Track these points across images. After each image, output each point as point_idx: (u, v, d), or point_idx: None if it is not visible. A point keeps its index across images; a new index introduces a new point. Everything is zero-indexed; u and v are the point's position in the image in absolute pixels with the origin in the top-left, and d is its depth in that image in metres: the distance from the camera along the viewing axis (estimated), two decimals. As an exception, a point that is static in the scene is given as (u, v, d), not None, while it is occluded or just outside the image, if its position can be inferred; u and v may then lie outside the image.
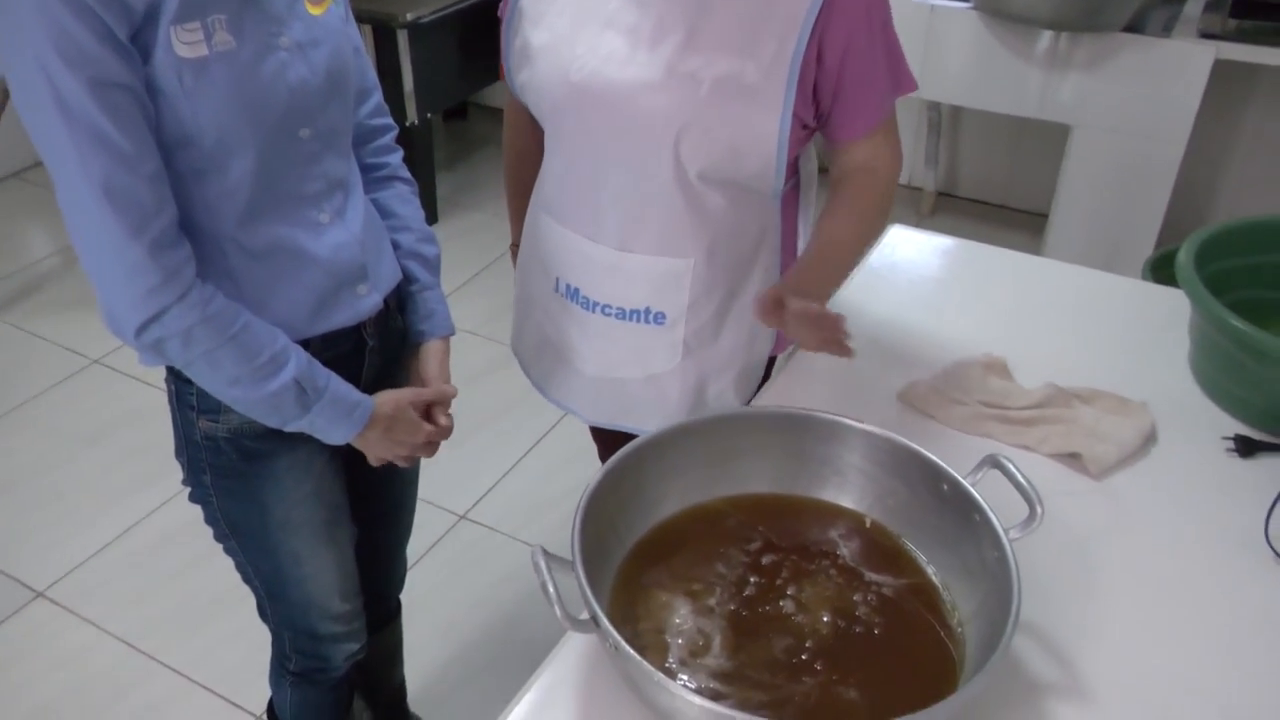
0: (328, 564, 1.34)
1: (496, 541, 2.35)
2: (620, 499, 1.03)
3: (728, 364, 1.33)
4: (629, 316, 1.30)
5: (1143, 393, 1.35)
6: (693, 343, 1.31)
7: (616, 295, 1.29)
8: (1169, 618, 1.06)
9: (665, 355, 1.31)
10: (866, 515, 1.10)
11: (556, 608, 0.85)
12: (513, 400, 2.74)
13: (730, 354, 1.33)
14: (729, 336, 1.32)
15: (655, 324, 1.30)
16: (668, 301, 1.28)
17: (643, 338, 1.31)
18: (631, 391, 1.35)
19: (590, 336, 1.34)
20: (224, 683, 2.02)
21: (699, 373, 1.33)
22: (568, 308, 1.34)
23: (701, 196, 1.22)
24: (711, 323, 1.31)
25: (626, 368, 1.34)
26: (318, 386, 1.15)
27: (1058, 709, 0.96)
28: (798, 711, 0.90)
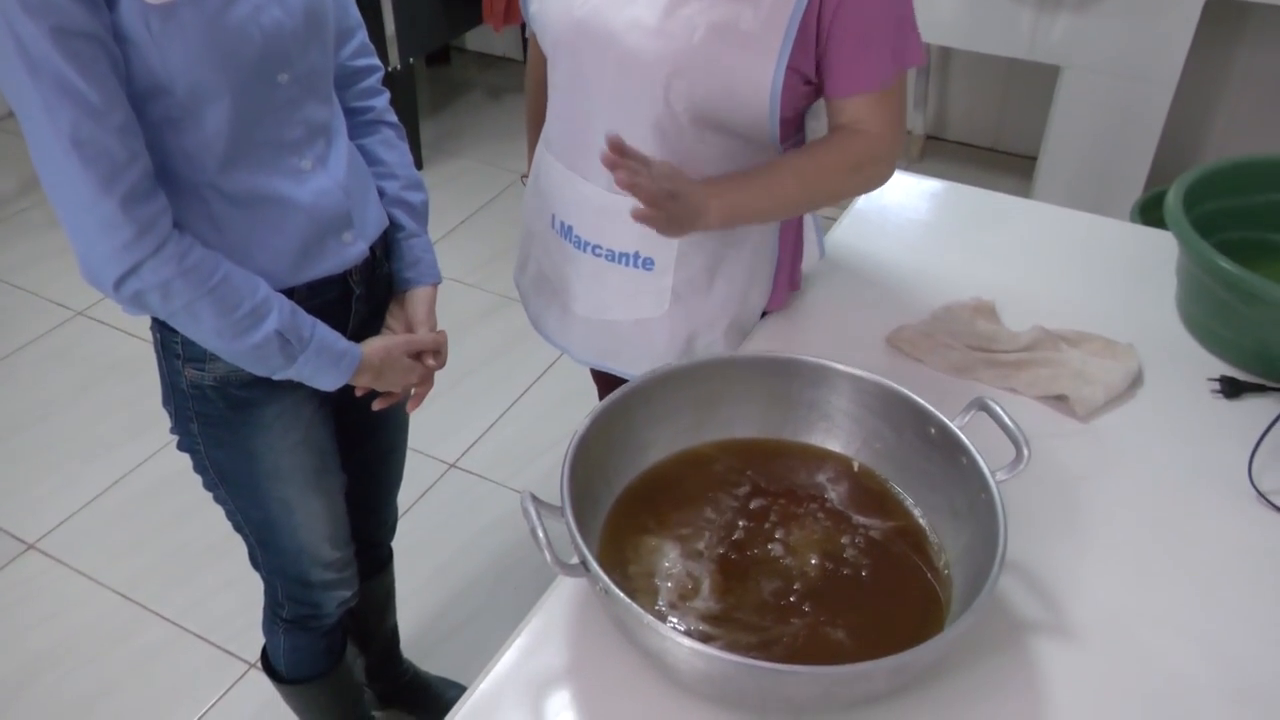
0: (318, 512, 1.35)
1: (486, 489, 2.36)
2: (609, 445, 1.03)
3: (718, 316, 1.33)
4: (618, 259, 1.29)
5: (1130, 335, 1.35)
6: (682, 291, 1.30)
7: (606, 237, 1.29)
8: (1153, 557, 1.08)
9: (653, 301, 1.31)
10: (854, 459, 1.10)
11: (546, 553, 0.85)
12: (501, 348, 2.74)
13: (721, 306, 1.33)
14: (721, 288, 1.32)
15: (644, 269, 1.29)
16: (656, 248, 1.28)
17: (631, 282, 1.31)
18: (620, 334, 1.35)
19: (582, 276, 1.34)
20: (217, 631, 2.03)
21: (688, 322, 1.33)
22: (562, 245, 1.34)
23: (694, 144, 1.20)
24: (702, 273, 1.30)
25: (616, 310, 1.33)
26: (302, 336, 1.14)
27: (1043, 647, 0.98)
28: (786, 652, 0.91)
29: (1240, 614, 1.02)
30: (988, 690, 0.93)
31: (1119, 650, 0.98)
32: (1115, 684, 0.95)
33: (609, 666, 0.95)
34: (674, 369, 1.09)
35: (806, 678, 0.82)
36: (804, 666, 0.82)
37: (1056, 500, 1.13)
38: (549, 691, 0.93)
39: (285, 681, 1.56)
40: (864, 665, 0.80)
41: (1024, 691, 0.94)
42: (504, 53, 4.26)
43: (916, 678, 0.91)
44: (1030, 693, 0.94)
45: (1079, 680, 0.95)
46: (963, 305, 1.39)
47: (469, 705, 0.92)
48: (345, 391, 1.25)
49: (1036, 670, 0.95)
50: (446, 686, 1.87)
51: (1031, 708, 0.92)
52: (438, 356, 1.32)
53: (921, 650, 0.81)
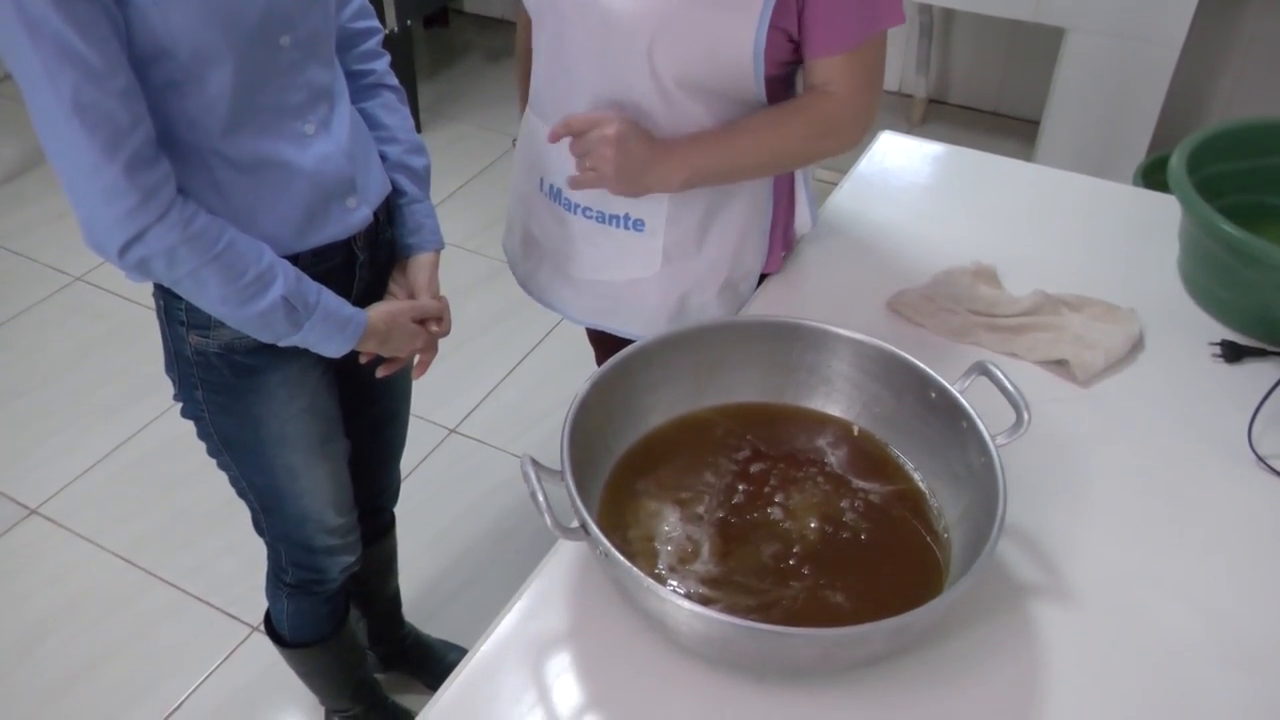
0: (322, 478, 1.35)
1: (487, 454, 2.37)
2: (608, 409, 1.04)
3: (710, 276, 1.33)
4: (608, 221, 1.29)
5: (1131, 299, 1.35)
6: (673, 252, 1.30)
7: (596, 200, 1.28)
8: (1153, 521, 1.08)
9: (644, 261, 1.31)
10: (854, 423, 1.11)
11: (546, 516, 0.86)
12: (501, 314, 2.74)
13: (713, 267, 1.33)
14: (712, 249, 1.31)
15: (634, 231, 1.29)
16: (646, 209, 1.27)
17: (622, 243, 1.30)
18: (614, 294, 1.35)
19: (574, 238, 1.34)
20: (220, 595, 2.05)
21: (679, 283, 1.33)
22: (552, 208, 1.34)
23: (681, 105, 1.20)
24: (693, 234, 1.30)
25: (608, 270, 1.34)
26: (308, 303, 1.14)
27: (1042, 611, 0.98)
28: (785, 615, 0.92)
29: (1239, 578, 1.03)
30: (986, 653, 0.94)
31: (1118, 614, 0.99)
32: (1114, 647, 0.96)
33: (609, 630, 0.96)
34: (674, 333, 1.09)
35: (806, 640, 0.83)
36: (803, 629, 0.83)
37: (1056, 464, 1.14)
38: (549, 654, 0.94)
39: (288, 645, 1.57)
40: (863, 628, 0.81)
41: (1022, 654, 0.95)
42: (502, 15, 4.22)
43: (915, 640, 0.92)
44: (1029, 655, 0.94)
45: (1077, 643, 0.96)
46: (963, 269, 1.39)
47: (470, 668, 0.93)
48: (350, 358, 1.25)
49: (1035, 633, 0.96)
50: (448, 649, 1.89)
51: (1030, 670, 0.93)
52: (441, 323, 1.32)
53: (920, 613, 0.82)
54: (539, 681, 0.92)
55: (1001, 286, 1.38)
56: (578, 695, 0.91)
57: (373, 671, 1.81)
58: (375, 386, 1.41)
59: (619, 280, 1.34)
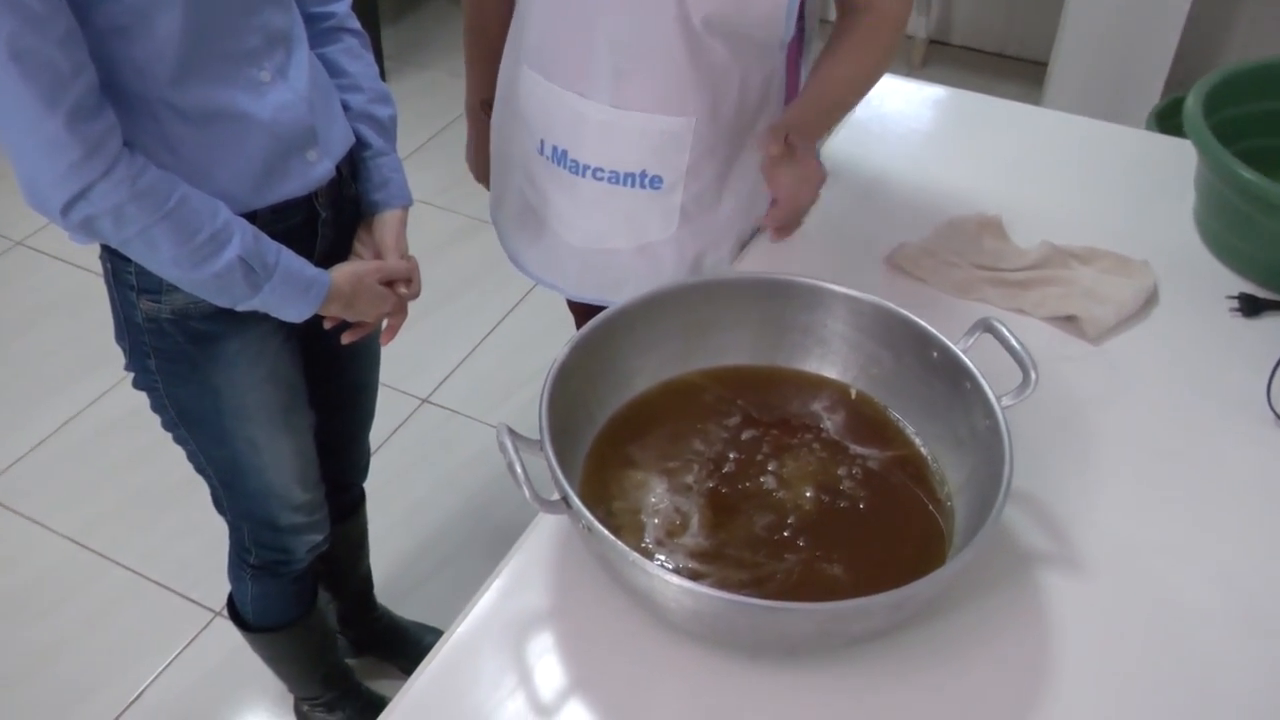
0: (286, 451, 1.35)
1: (461, 425, 2.37)
2: (590, 374, 1.04)
3: (726, 232, 1.33)
4: (622, 181, 1.28)
5: (1144, 251, 1.35)
6: (691, 209, 1.29)
7: (609, 157, 1.27)
8: (1166, 484, 1.09)
9: (660, 223, 1.30)
10: (851, 386, 1.11)
11: (525, 489, 0.86)
12: (474, 275, 2.73)
13: (729, 221, 1.32)
14: (729, 202, 1.31)
15: (651, 189, 1.28)
16: (666, 164, 1.26)
17: (636, 204, 1.29)
18: (622, 263, 1.34)
19: (578, 203, 1.32)
20: (180, 579, 2.05)
21: (696, 241, 1.32)
22: (553, 172, 1.32)
23: (705, 46, 1.19)
24: (712, 187, 1.29)
25: (617, 237, 1.32)
26: (267, 264, 1.14)
27: (1050, 580, 0.99)
28: (780, 589, 0.92)
29: (1257, 543, 1.04)
30: (992, 625, 0.95)
31: (1129, 582, 1.00)
32: (1125, 617, 0.97)
33: (593, 607, 0.96)
34: (660, 292, 1.08)
35: (801, 615, 0.83)
36: (799, 604, 0.83)
37: (1065, 426, 1.14)
38: (530, 634, 0.94)
39: (253, 630, 1.58)
40: (861, 601, 0.82)
41: (1030, 626, 0.95)
42: (472, -47, 4.17)
43: (917, 614, 0.93)
44: (1037, 627, 0.95)
45: (1087, 613, 0.97)
46: (967, 221, 1.39)
47: (446, 650, 0.94)
48: (313, 323, 1.24)
49: (1043, 604, 0.97)
50: (424, 632, 1.90)
51: (1038, 643, 0.94)
52: (410, 285, 1.31)
53: (922, 584, 0.83)
54: (520, 664, 0.92)
55: (1007, 239, 1.38)
56: (561, 677, 0.91)
57: (344, 657, 1.82)
58: (341, 354, 1.40)
59: (628, 248, 1.33)
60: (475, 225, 2.89)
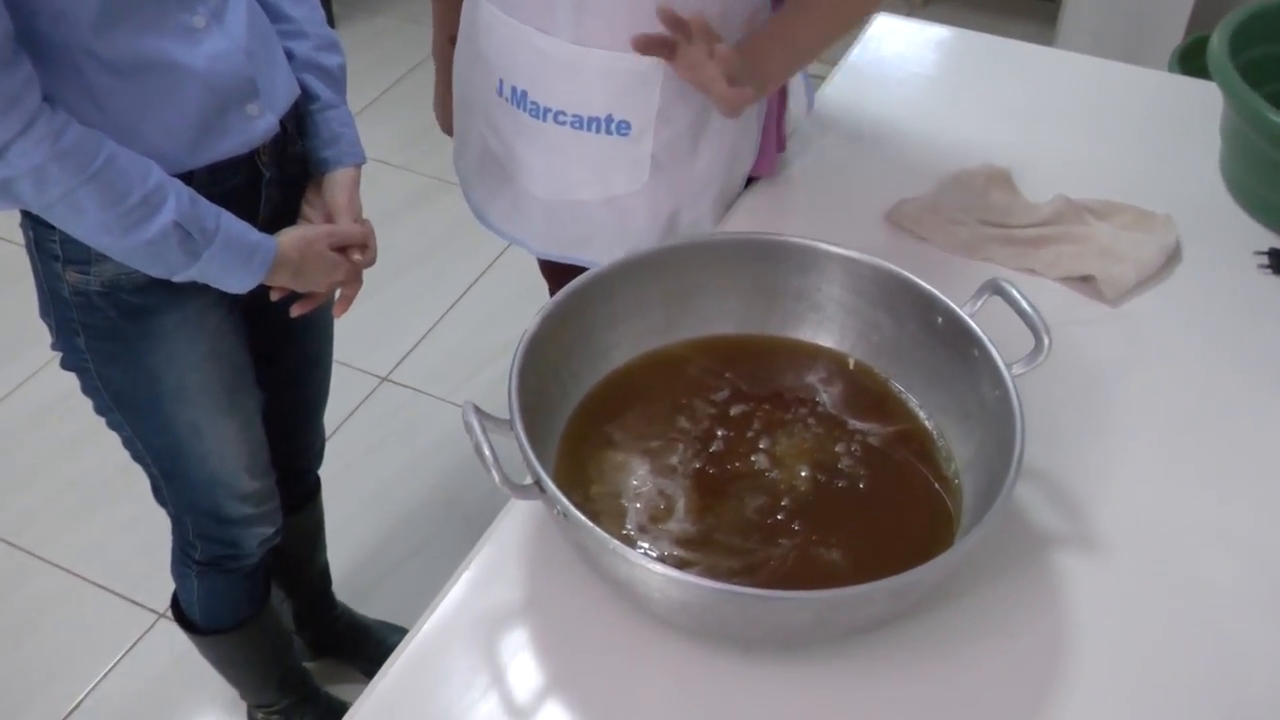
0: (232, 436, 1.35)
1: (425, 405, 2.36)
2: (564, 346, 1.04)
3: (705, 186, 1.33)
4: (586, 126, 1.27)
5: (1166, 203, 1.36)
6: (663, 158, 1.29)
7: (572, 100, 1.26)
8: (1190, 457, 1.10)
9: (629, 173, 1.30)
10: (849, 355, 1.11)
11: (494, 473, 0.86)
12: (437, 240, 2.72)
13: (708, 174, 1.32)
14: (707, 152, 1.31)
15: (618, 135, 1.27)
16: (633, 108, 1.26)
17: (603, 151, 1.29)
18: (591, 217, 1.34)
19: (541, 150, 1.32)
20: (119, 578, 2.05)
21: (671, 195, 1.32)
22: (514, 115, 1.31)
23: None
24: (686, 135, 1.29)
25: (584, 188, 1.32)
26: (205, 229, 1.13)
27: (1065, 562, 1.00)
28: (773, 577, 0.93)
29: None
30: (1003, 612, 0.96)
31: (1151, 563, 1.01)
32: (1147, 600, 0.98)
33: (572, 600, 0.97)
34: (639, 256, 1.09)
35: (797, 604, 0.84)
36: (794, 592, 0.83)
37: (1081, 396, 1.15)
38: (503, 631, 0.95)
39: (200, 632, 1.58)
40: (862, 588, 0.82)
41: (1044, 612, 0.96)
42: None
43: (922, 601, 0.94)
44: (1051, 613, 0.96)
45: (1106, 598, 0.98)
46: (973, 173, 1.39)
47: (411, 649, 0.94)
48: (259, 294, 1.24)
49: (1058, 588, 0.98)
50: (388, 631, 1.90)
51: (1052, 630, 0.95)
52: (365, 251, 1.31)
53: (928, 569, 0.83)
54: (492, 662, 0.93)
55: (1017, 193, 1.39)
56: (537, 676, 0.92)
57: (301, 659, 1.82)
58: (290, 328, 1.40)
59: (596, 200, 1.33)
60: (437, 186, 2.88)
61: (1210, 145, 1.45)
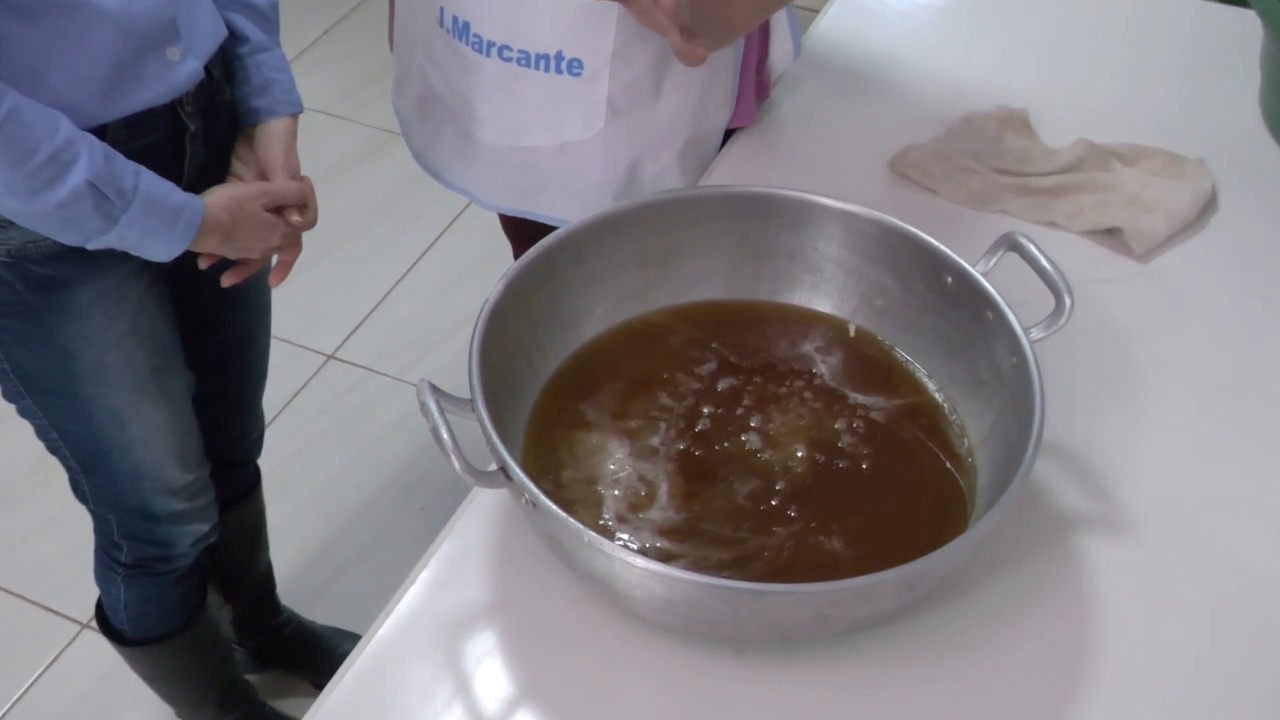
0: (159, 423, 1.35)
1: (377, 385, 2.36)
2: (531, 316, 1.04)
3: (669, 135, 1.32)
4: (534, 64, 1.27)
5: (1201, 147, 1.36)
6: (621, 103, 1.29)
7: (517, 34, 1.26)
8: (1229, 428, 1.11)
9: (583, 118, 1.29)
10: (849, 321, 1.12)
11: (454, 459, 0.86)
12: (386, 200, 2.72)
13: (672, 122, 1.32)
14: (672, 97, 1.30)
15: (569, 75, 1.27)
16: (586, 45, 1.25)
17: (553, 93, 1.28)
18: (541, 165, 1.34)
19: (487, 90, 1.31)
20: (36, 585, 2.05)
21: (630, 145, 1.31)
22: (457, 50, 1.31)
23: None
24: (647, 78, 1.28)
25: (534, 133, 1.32)
26: (123, 189, 1.13)
27: (1092, 547, 1.01)
28: (768, 569, 0.93)
29: (1337, 494, 1.05)
30: (1024, 603, 0.97)
31: (1187, 546, 1.01)
32: (1184, 587, 0.98)
33: (544, 599, 0.97)
34: (612, 213, 1.08)
35: (794, 599, 0.84)
36: (791, 585, 0.84)
37: (1107, 362, 1.16)
38: (467, 634, 0.95)
39: (129, 643, 1.58)
40: (866, 579, 0.83)
41: (1070, 602, 0.97)
42: None
43: (933, 593, 0.94)
44: (1077, 604, 0.97)
45: (1138, 585, 0.98)
46: (986, 116, 1.39)
47: (365, 658, 0.94)
48: (186, 262, 1.23)
49: (1084, 575, 0.99)
50: (339, 638, 1.91)
51: (1078, 622, 0.96)
52: (304, 211, 1.30)
53: (939, 557, 0.84)
54: (456, 670, 0.93)
55: (1035, 137, 1.39)
56: (506, 684, 0.92)
57: (242, 672, 1.83)
58: (222, 300, 1.39)
59: (548, 146, 1.33)
60: (384, 138, 2.86)
61: (1248, 80, 1.45)
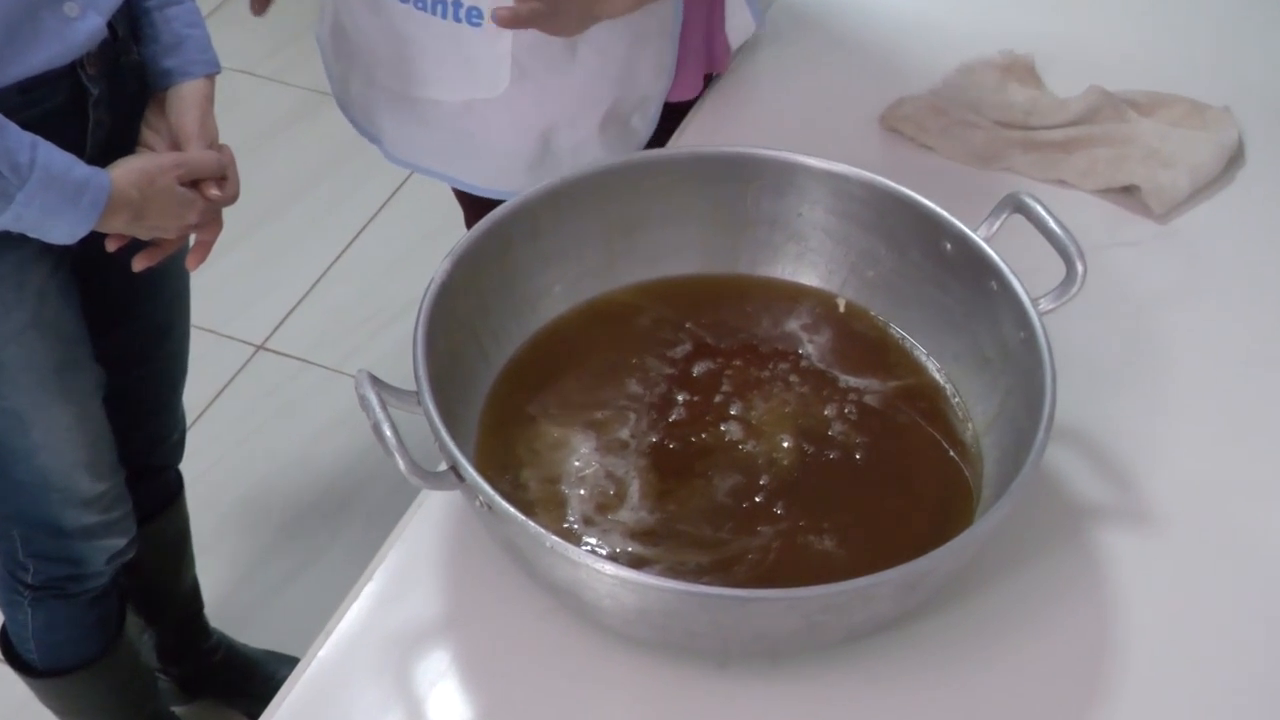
0: (66, 425, 1.34)
1: (313, 379, 2.36)
2: (482, 297, 1.04)
3: (587, 103, 1.32)
4: (431, 8, 1.27)
5: (1226, 94, 1.37)
6: (529, 63, 1.28)
7: None
8: (1260, 408, 1.12)
9: (487, 75, 1.29)
10: (838, 295, 1.12)
11: (399, 459, 0.86)
12: (318, 170, 2.70)
13: (590, 88, 1.31)
14: (589, 61, 1.29)
15: (469, 24, 1.27)
16: None
17: (453, 43, 1.28)
18: (444, 121, 1.35)
19: (385, 32, 1.32)
20: (-68, 610, 2.03)
21: (540, 110, 1.31)
22: None
23: None
24: (559, 38, 1.28)
25: (435, 84, 1.33)
26: (18, 164, 1.12)
27: (1110, 540, 1.01)
28: (753, 573, 0.94)
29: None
30: (1038, 604, 0.97)
31: (1215, 539, 1.02)
32: (1211, 584, 0.99)
33: (503, 613, 0.97)
34: (571, 179, 1.08)
35: (783, 605, 0.85)
36: (779, 590, 0.84)
37: (1125, 335, 1.16)
38: (419, 655, 0.95)
39: (39, 674, 1.57)
40: (862, 581, 0.83)
41: (1088, 603, 0.98)
42: None
43: (937, 595, 0.94)
44: (1096, 604, 0.98)
45: (1162, 582, 0.99)
46: (988, 64, 1.40)
47: (304, 683, 0.94)
48: (92, 244, 1.23)
49: (1103, 572, 0.99)
50: (275, 663, 1.90)
51: (1098, 624, 0.96)
52: (224, 184, 1.30)
53: (942, 555, 0.84)
54: (406, 694, 0.93)
55: (1042, 85, 1.39)
56: (463, 709, 0.92)
57: (168, 703, 1.83)
58: (134, 287, 1.39)
59: (451, 102, 1.33)
60: (316, 100, 2.84)
61: (1277, 19, 1.46)
